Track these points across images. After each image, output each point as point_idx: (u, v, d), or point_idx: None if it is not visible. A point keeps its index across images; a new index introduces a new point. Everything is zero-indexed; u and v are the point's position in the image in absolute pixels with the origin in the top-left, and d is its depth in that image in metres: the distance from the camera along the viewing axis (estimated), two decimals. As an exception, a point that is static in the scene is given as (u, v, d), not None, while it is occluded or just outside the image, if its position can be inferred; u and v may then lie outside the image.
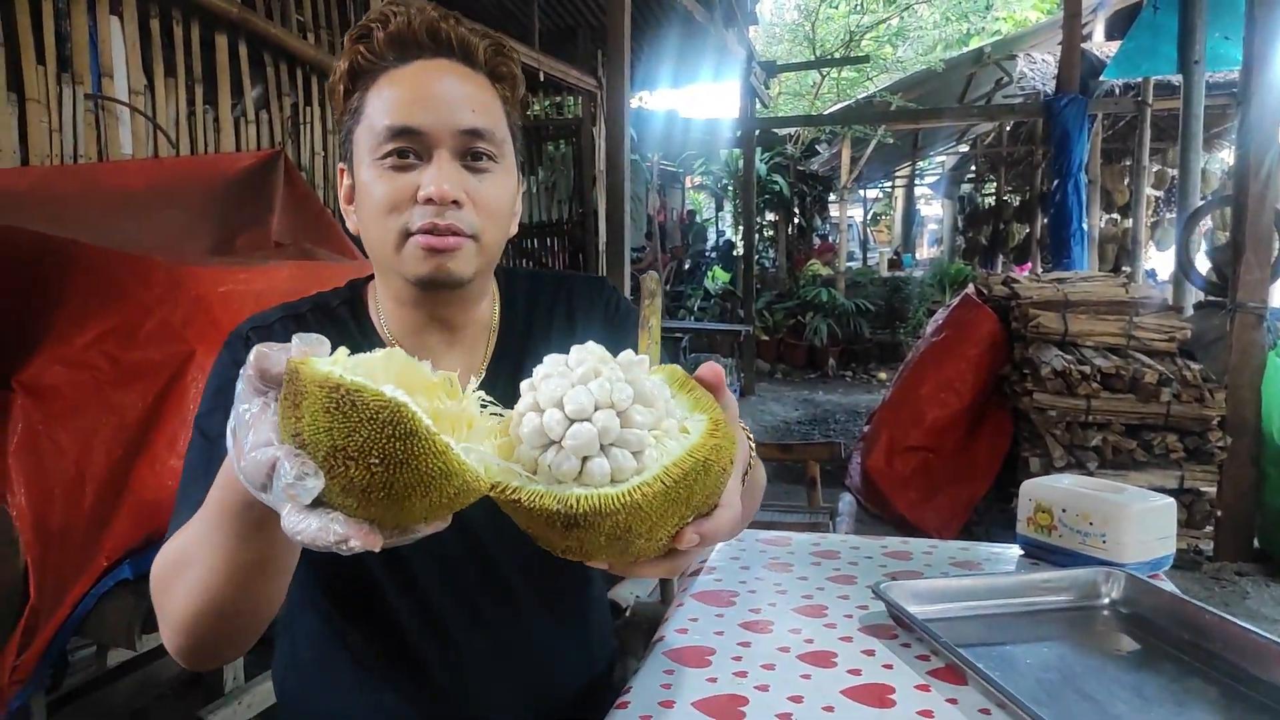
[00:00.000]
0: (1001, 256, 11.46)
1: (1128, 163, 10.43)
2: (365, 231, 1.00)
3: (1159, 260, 10.57)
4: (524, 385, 0.64)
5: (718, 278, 11.82)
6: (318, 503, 0.56)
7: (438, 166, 0.93)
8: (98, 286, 1.76)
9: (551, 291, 1.16)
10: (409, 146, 0.94)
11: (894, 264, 14.67)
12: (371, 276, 1.10)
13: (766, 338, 10.16)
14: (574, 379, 0.61)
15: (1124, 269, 7.34)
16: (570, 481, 0.60)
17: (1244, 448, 3.81)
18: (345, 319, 1.07)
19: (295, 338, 0.59)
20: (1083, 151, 6.77)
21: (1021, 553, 1.53)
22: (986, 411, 4.29)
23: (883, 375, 9.45)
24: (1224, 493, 3.81)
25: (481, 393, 0.65)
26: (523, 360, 1.09)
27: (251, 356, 0.59)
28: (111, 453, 1.67)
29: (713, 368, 0.67)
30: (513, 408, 0.64)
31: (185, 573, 0.77)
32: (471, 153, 0.96)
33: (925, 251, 19.77)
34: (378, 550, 0.57)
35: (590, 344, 0.64)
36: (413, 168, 0.94)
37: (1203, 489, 3.78)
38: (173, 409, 1.72)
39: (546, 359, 0.64)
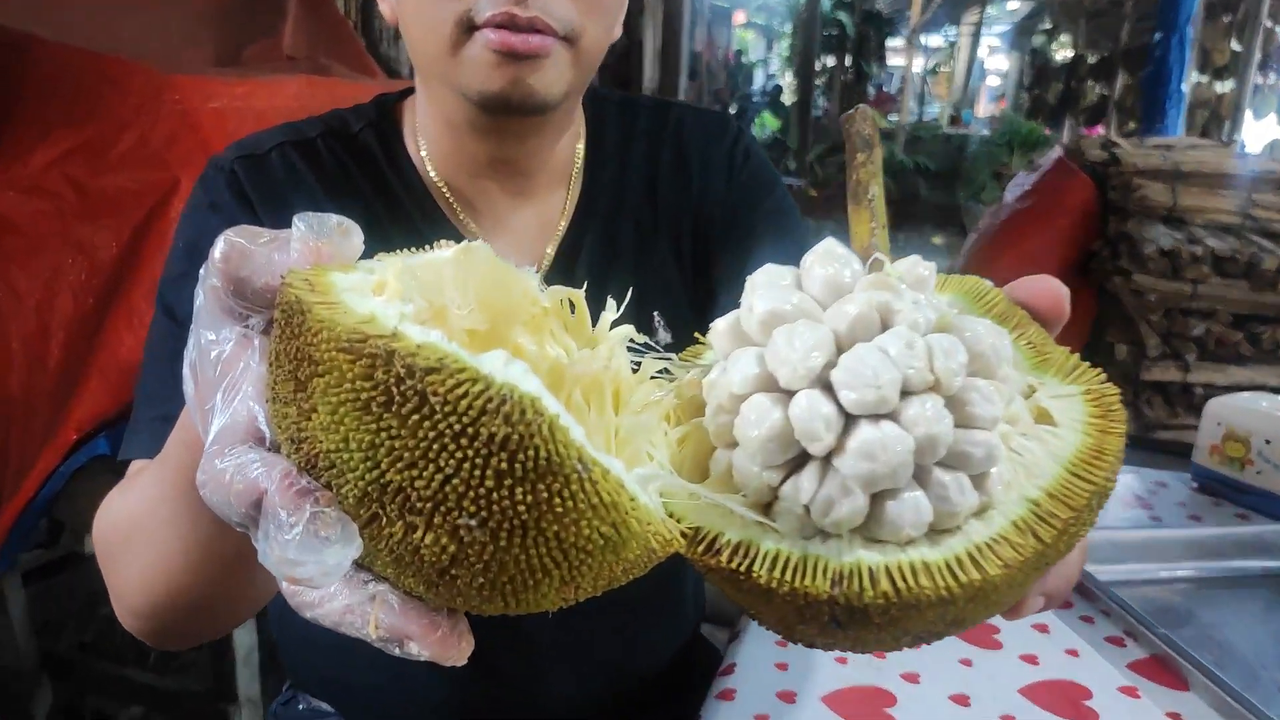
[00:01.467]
0: (1069, 118, 10.65)
1: (1227, 19, 9.49)
2: (406, 22, 0.68)
3: (1249, 130, 9.76)
4: (720, 329, 0.34)
5: (767, 125, 11.15)
6: None
7: None
8: (59, 94, 1.43)
9: (655, 124, 0.83)
10: None
11: (954, 120, 13.80)
12: (408, 92, 0.78)
13: (814, 193, 9.63)
14: (841, 324, 0.30)
15: (1235, 138, 6.70)
16: (847, 534, 0.30)
17: (1362, 346, 3.44)
18: (372, 149, 0.76)
19: (297, 220, 0.31)
20: (1193, 1, 6.05)
21: (1195, 486, 1.25)
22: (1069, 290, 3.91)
23: (937, 240, 8.97)
24: (1329, 393, 3.48)
25: (631, 329, 0.35)
26: (616, 225, 0.77)
27: (217, 250, 0.31)
28: (81, 301, 1.38)
29: (1049, 286, 0.39)
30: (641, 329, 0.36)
31: (140, 548, 0.50)
32: None
33: (983, 109, 18.71)
34: (462, 664, 0.31)
35: (830, 244, 0.33)
36: None
37: (1307, 388, 3.44)
38: (154, 251, 1.41)
39: (761, 274, 0.34)
